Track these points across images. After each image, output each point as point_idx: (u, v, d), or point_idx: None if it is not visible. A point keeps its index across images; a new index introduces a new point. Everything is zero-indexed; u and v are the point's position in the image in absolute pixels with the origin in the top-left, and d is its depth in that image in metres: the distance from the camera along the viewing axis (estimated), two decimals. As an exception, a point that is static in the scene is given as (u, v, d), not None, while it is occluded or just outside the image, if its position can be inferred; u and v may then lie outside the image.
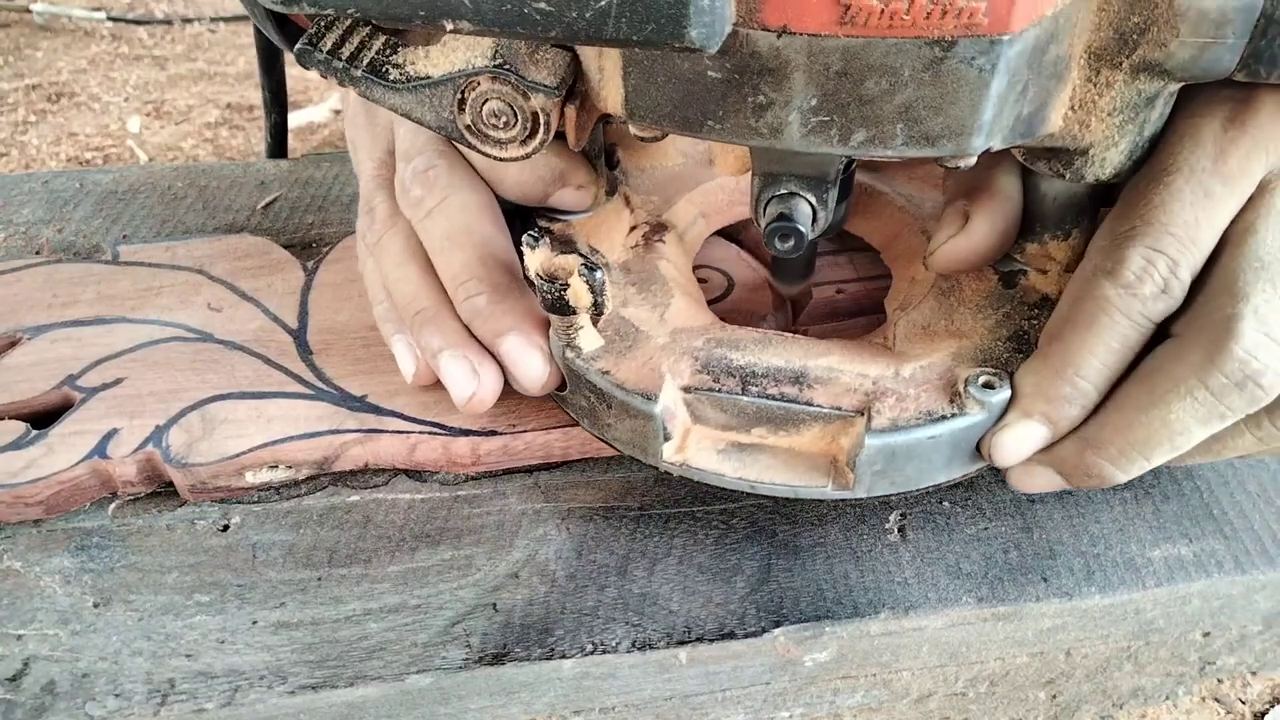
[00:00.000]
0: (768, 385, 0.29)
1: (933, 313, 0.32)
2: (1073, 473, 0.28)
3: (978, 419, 0.28)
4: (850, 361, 0.30)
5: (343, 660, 0.29)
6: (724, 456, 0.30)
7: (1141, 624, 0.32)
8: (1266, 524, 0.33)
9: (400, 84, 0.28)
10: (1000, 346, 0.30)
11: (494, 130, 0.28)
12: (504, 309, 0.32)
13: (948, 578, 0.31)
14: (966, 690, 0.34)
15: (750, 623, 0.30)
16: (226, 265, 0.42)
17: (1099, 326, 0.27)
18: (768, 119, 0.24)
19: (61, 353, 0.37)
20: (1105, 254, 0.27)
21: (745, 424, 0.29)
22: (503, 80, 0.27)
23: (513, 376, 0.32)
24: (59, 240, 0.45)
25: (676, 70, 0.25)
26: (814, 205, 0.28)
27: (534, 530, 0.32)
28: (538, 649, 0.29)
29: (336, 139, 0.82)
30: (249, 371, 0.36)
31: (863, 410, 0.28)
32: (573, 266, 0.28)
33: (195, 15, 1.06)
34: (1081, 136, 0.26)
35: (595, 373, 0.30)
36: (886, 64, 0.23)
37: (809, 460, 0.29)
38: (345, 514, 0.33)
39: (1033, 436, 0.28)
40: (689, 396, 0.29)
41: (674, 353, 0.30)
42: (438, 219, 0.33)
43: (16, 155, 0.77)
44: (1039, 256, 0.32)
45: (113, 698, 0.28)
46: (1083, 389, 0.27)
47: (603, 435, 0.31)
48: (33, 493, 0.32)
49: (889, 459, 0.28)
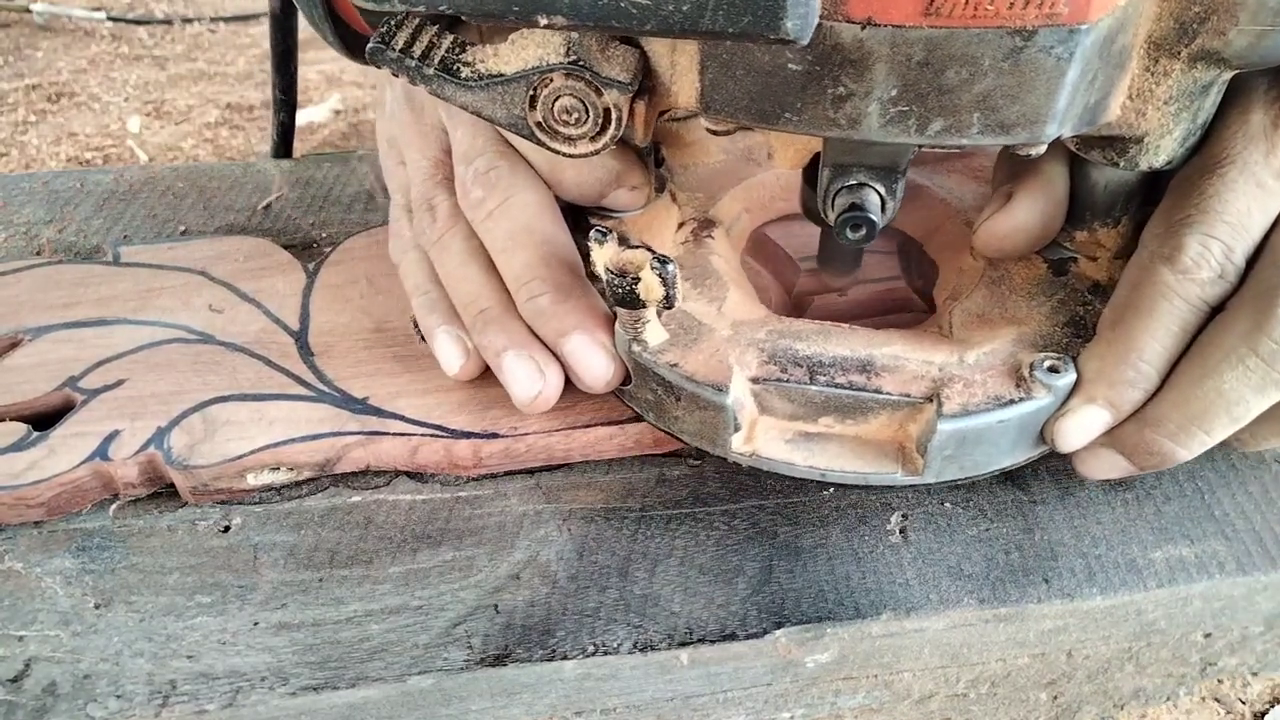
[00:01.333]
0: (835, 374, 0.30)
1: (986, 301, 0.33)
2: (1134, 453, 0.29)
3: (1044, 403, 0.29)
4: (914, 349, 0.30)
5: (344, 661, 0.29)
6: (793, 446, 0.30)
7: (1143, 625, 0.32)
8: (1268, 525, 0.33)
9: (472, 81, 0.28)
10: (1059, 332, 0.31)
11: (564, 127, 0.28)
12: (567, 308, 0.32)
13: (949, 579, 0.31)
14: (968, 691, 0.34)
15: (752, 624, 0.30)
16: (227, 266, 0.42)
17: (1159, 311, 0.28)
18: (846, 110, 0.25)
19: (63, 354, 0.37)
20: (1162, 241, 0.28)
21: (813, 414, 0.30)
22: (576, 76, 0.27)
23: (576, 375, 0.32)
24: (59, 241, 0.45)
25: (755, 63, 0.25)
26: (883, 195, 0.29)
27: (535, 531, 0.32)
28: (539, 650, 0.29)
29: (336, 139, 0.82)
30: (250, 373, 0.36)
31: (930, 397, 0.29)
32: (643, 260, 0.28)
33: (195, 15, 1.06)
34: (1138, 125, 0.27)
35: (664, 366, 0.30)
36: (968, 54, 0.23)
37: (877, 448, 0.30)
38: (346, 515, 0.33)
39: (1096, 421, 0.29)
40: (757, 387, 0.30)
41: (739, 344, 0.31)
42: (500, 219, 0.33)
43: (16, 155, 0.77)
44: (1088, 244, 0.33)
45: (114, 699, 0.28)
46: (1145, 372, 0.28)
47: (668, 428, 0.32)
48: (34, 494, 0.32)
49: (959, 444, 0.29)
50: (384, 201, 0.49)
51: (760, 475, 0.34)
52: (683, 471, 0.35)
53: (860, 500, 0.33)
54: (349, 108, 0.87)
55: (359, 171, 0.51)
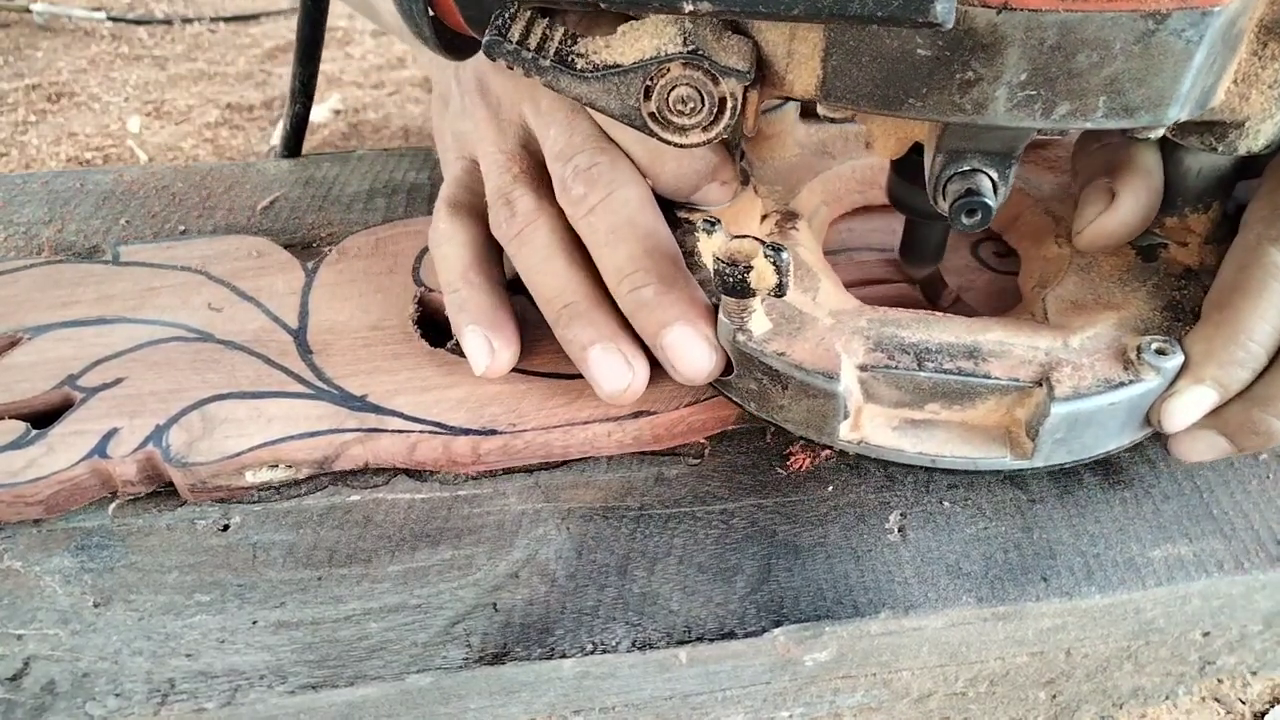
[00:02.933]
0: (943, 360, 0.30)
1: (1078, 288, 0.33)
2: (1238, 432, 0.29)
3: (1153, 384, 0.29)
4: (1017, 335, 0.31)
5: (343, 660, 0.29)
6: (900, 433, 0.30)
7: (1141, 624, 0.32)
8: (1267, 524, 0.33)
9: (588, 73, 0.28)
10: (1158, 316, 0.31)
11: (678, 116, 0.28)
12: (671, 299, 0.32)
13: (948, 577, 0.31)
14: (966, 690, 0.34)
15: (750, 622, 0.30)
16: (227, 265, 0.42)
17: (1269, 291, 0.28)
18: (973, 95, 0.25)
19: (62, 352, 0.37)
20: (1269, 223, 0.28)
21: (919, 400, 0.30)
22: (695, 66, 0.27)
23: (675, 368, 0.32)
24: (59, 240, 0.45)
25: (883, 49, 0.25)
26: (996, 180, 0.29)
27: (534, 530, 0.32)
28: (538, 649, 0.29)
29: (336, 139, 0.82)
30: (249, 371, 0.36)
31: (1040, 381, 0.29)
32: (755, 249, 0.28)
33: (195, 15, 1.06)
34: (1240, 109, 0.27)
35: (771, 354, 0.30)
36: (1100, 37, 0.23)
37: (985, 433, 0.30)
38: (345, 514, 0.33)
39: (1203, 401, 0.29)
40: (864, 375, 0.30)
41: (843, 333, 0.31)
42: (602, 214, 0.33)
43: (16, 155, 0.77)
44: (1178, 229, 0.33)
45: (113, 697, 0.28)
46: (1254, 352, 0.28)
47: (772, 417, 0.32)
48: (33, 492, 0.32)
49: (1070, 426, 0.29)
50: (384, 201, 0.49)
51: (759, 474, 0.34)
52: (681, 470, 0.35)
53: (859, 499, 0.33)
54: (349, 108, 0.87)
55: (359, 171, 0.51)
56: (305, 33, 0.54)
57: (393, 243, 0.43)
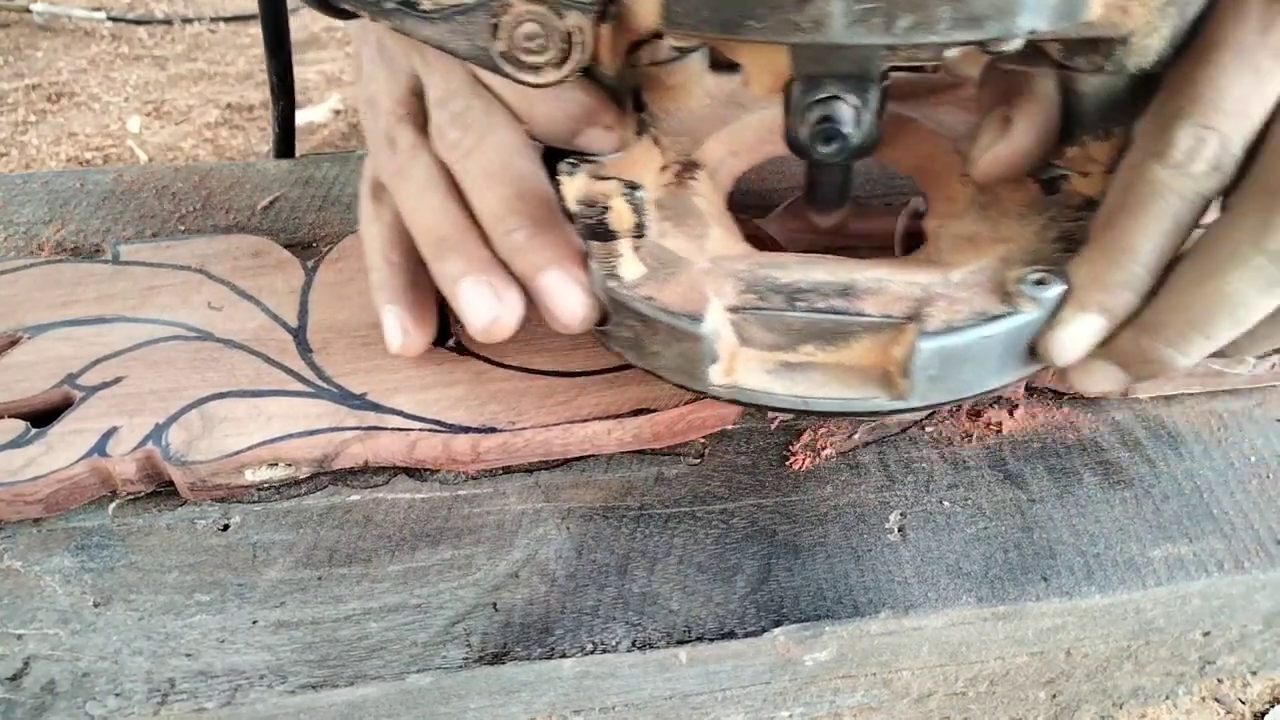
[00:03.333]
0: (815, 299, 0.29)
1: (974, 223, 0.32)
2: (1131, 362, 0.28)
3: (1032, 316, 0.28)
4: (898, 272, 0.30)
5: (343, 660, 0.28)
6: (774, 376, 0.29)
7: (1142, 623, 0.32)
8: (1267, 523, 0.33)
9: (433, 13, 0.28)
10: (1049, 248, 0.30)
11: (529, 55, 0.28)
12: (543, 242, 0.31)
13: (948, 577, 0.31)
14: (966, 690, 0.34)
15: (750, 622, 0.30)
16: (226, 264, 0.42)
17: (1152, 210, 0.26)
18: (809, 12, 0.24)
19: (61, 351, 0.37)
20: (1153, 138, 0.27)
21: (793, 341, 0.29)
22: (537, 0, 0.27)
23: (551, 312, 0.31)
24: (59, 240, 0.45)
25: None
26: (857, 107, 0.28)
27: (534, 530, 0.32)
28: (538, 648, 0.29)
29: (336, 139, 0.82)
30: (249, 370, 0.36)
31: (914, 316, 0.28)
32: (613, 189, 0.28)
33: (195, 15, 1.06)
34: (1121, 23, 0.26)
35: (639, 299, 0.29)
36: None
37: (861, 373, 0.29)
38: (345, 513, 0.33)
39: (1090, 329, 0.28)
40: (735, 317, 0.29)
41: (717, 276, 0.30)
42: (475, 158, 0.33)
43: (16, 155, 0.77)
44: (1080, 159, 0.32)
45: (113, 697, 0.28)
46: (1138, 274, 0.27)
47: (648, 365, 0.31)
48: (32, 491, 0.32)
49: (944, 362, 0.28)
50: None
51: (759, 474, 0.34)
52: (681, 470, 0.35)
53: (859, 499, 0.33)
54: (349, 108, 0.87)
55: (359, 171, 0.51)
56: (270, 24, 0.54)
57: (393, 242, 0.43)
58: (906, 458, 0.35)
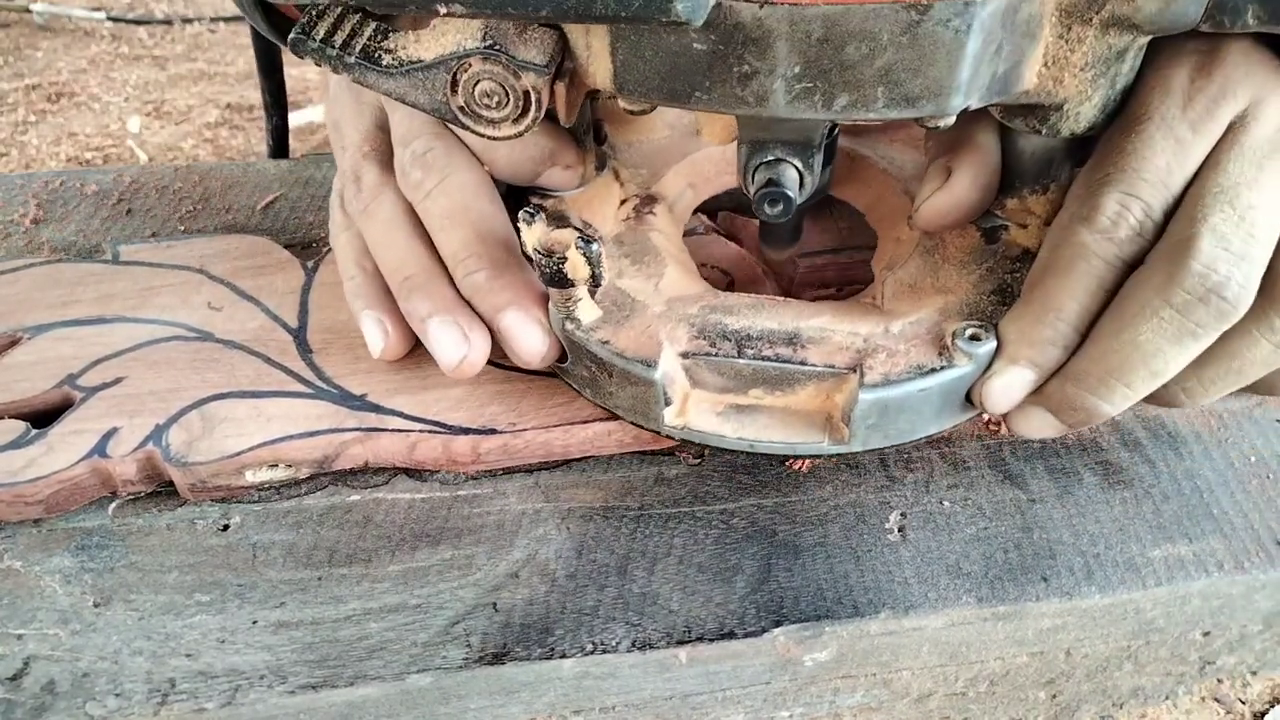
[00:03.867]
0: (763, 347, 0.30)
1: (919, 271, 0.33)
2: (1060, 409, 0.29)
3: (965, 370, 0.29)
4: (841, 321, 0.31)
5: (343, 660, 0.29)
6: (723, 418, 0.31)
7: (1141, 624, 0.32)
8: (1266, 523, 0.33)
9: (394, 69, 0.28)
10: (985, 300, 0.31)
11: (487, 110, 0.29)
12: (502, 284, 0.32)
13: (948, 577, 0.31)
14: (966, 690, 0.34)
15: (750, 622, 0.30)
16: (226, 265, 0.42)
17: (1076, 271, 0.28)
18: (753, 88, 0.25)
19: (61, 352, 0.37)
20: (1081, 202, 0.28)
21: (742, 386, 0.30)
22: (494, 60, 0.27)
23: (513, 351, 0.32)
24: (59, 240, 0.45)
25: (663, 44, 0.25)
26: (800, 170, 0.29)
27: (534, 530, 0.32)
28: (538, 648, 0.29)
29: (336, 139, 0.82)
30: (249, 370, 0.36)
31: (855, 367, 0.29)
32: (569, 240, 0.28)
33: (195, 15, 1.06)
34: (1056, 92, 0.27)
35: (595, 343, 0.30)
36: (866, 29, 0.23)
37: (805, 418, 0.30)
38: (345, 514, 0.33)
39: (1019, 381, 0.29)
40: (687, 362, 0.30)
41: (670, 320, 0.31)
42: (437, 199, 0.34)
43: (16, 155, 0.77)
44: (1018, 211, 0.33)
45: (113, 697, 0.28)
46: (1063, 331, 0.28)
47: (605, 404, 0.32)
48: (33, 492, 0.32)
49: (882, 412, 0.29)
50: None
51: (759, 474, 0.34)
52: (681, 470, 0.35)
53: (859, 499, 0.33)
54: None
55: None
56: (261, 46, 0.55)
57: (393, 242, 0.43)
58: (906, 458, 0.35)
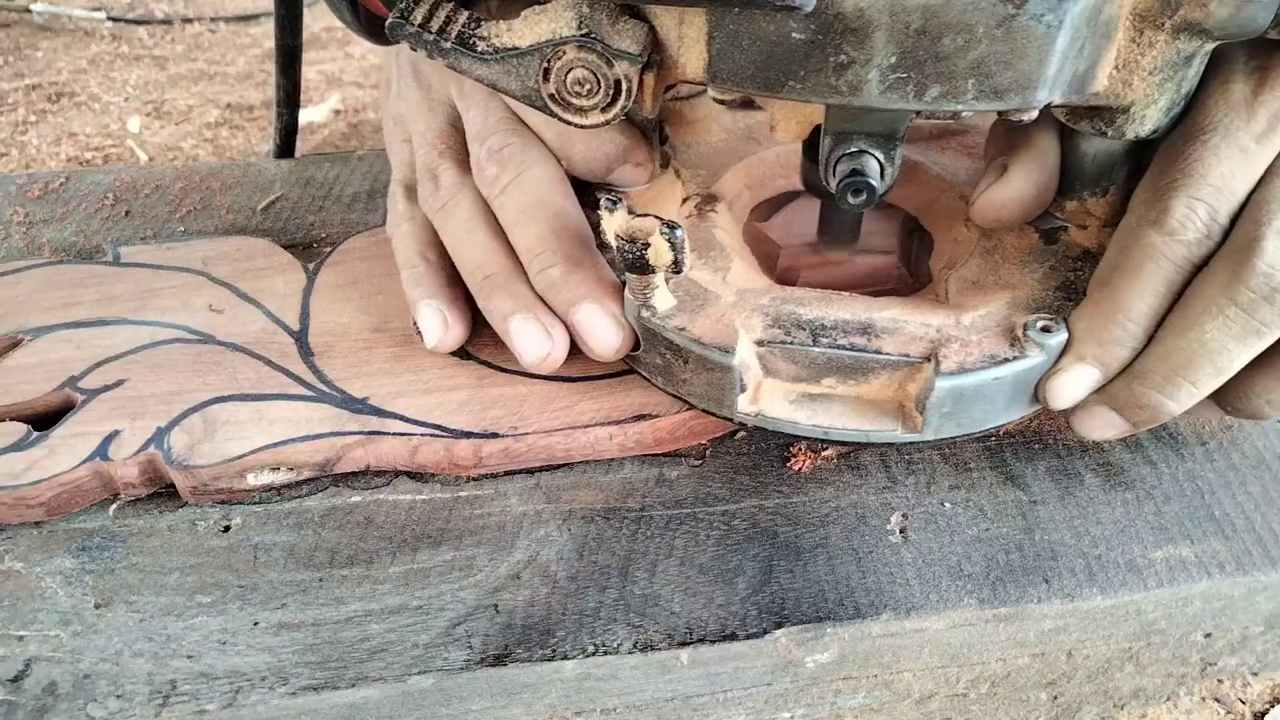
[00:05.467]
0: (837, 336, 0.31)
1: (980, 269, 0.34)
2: (1125, 407, 0.30)
3: (1038, 360, 0.30)
4: (912, 313, 0.32)
5: (344, 661, 0.28)
6: (796, 406, 0.31)
7: (1143, 625, 0.32)
8: (1268, 525, 0.33)
9: (488, 55, 0.29)
10: (1051, 296, 0.32)
11: (576, 98, 0.30)
12: (578, 278, 0.33)
13: (949, 579, 0.31)
14: (968, 691, 0.34)
15: (752, 624, 0.30)
16: (228, 266, 0.42)
17: (1145, 272, 0.29)
18: (848, 77, 0.26)
19: (63, 354, 0.37)
20: (1149, 205, 0.29)
21: (815, 374, 0.31)
22: (589, 49, 0.28)
23: (586, 344, 0.33)
24: (59, 240, 0.45)
25: (761, 33, 0.26)
26: (882, 162, 0.30)
27: (535, 531, 0.32)
28: (539, 650, 0.29)
29: (336, 139, 0.82)
30: (250, 373, 0.36)
31: (929, 356, 0.30)
32: (653, 226, 0.29)
33: (195, 15, 1.06)
34: (1124, 95, 0.28)
35: (672, 330, 0.31)
36: (963, 21, 0.24)
37: (878, 407, 0.31)
38: (346, 515, 0.33)
39: (1085, 378, 0.30)
40: (762, 350, 0.31)
41: (744, 309, 0.32)
42: (512, 194, 0.34)
43: (16, 155, 0.77)
44: (1078, 213, 0.34)
45: (114, 699, 0.28)
46: (1131, 331, 0.29)
47: (676, 391, 0.33)
48: (34, 494, 0.32)
49: (956, 400, 0.30)
50: (385, 201, 0.49)
51: (760, 475, 0.34)
52: (683, 472, 0.35)
53: (860, 500, 0.33)
54: (349, 108, 0.87)
55: (359, 171, 0.51)
56: (283, 43, 0.54)
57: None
58: (908, 459, 0.35)
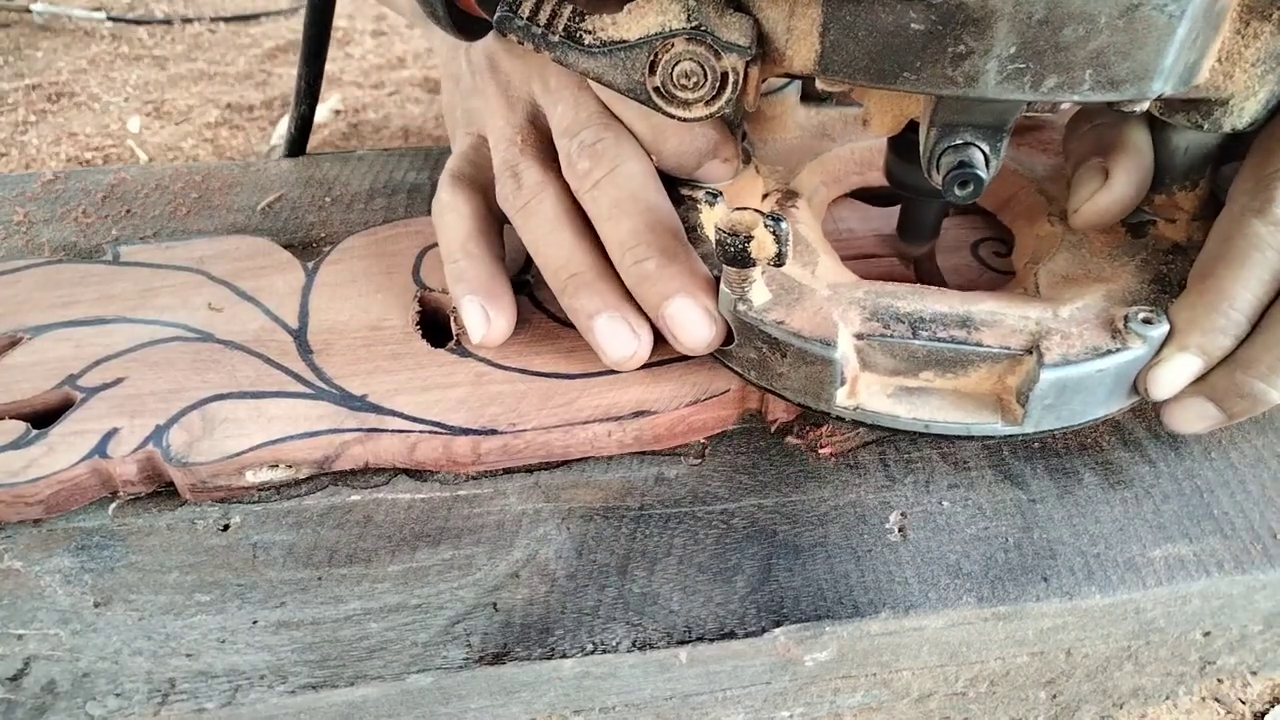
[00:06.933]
0: (937, 329, 0.31)
1: (1069, 263, 0.34)
2: (1225, 397, 0.30)
3: (1140, 352, 0.30)
4: (1008, 306, 0.32)
5: (343, 660, 0.28)
6: (895, 400, 0.31)
7: (1142, 624, 0.32)
8: (1267, 524, 0.33)
9: (595, 48, 0.30)
10: (1145, 289, 0.32)
11: (682, 91, 0.30)
12: (671, 272, 0.33)
13: (948, 577, 0.31)
14: (967, 690, 0.34)
15: (750, 622, 0.30)
16: (227, 265, 0.42)
17: (1250, 261, 0.29)
18: (965, 68, 0.26)
19: (62, 352, 0.37)
20: (1253, 194, 0.29)
21: (914, 368, 0.31)
22: (698, 41, 0.29)
23: (677, 338, 0.33)
24: (59, 240, 0.45)
25: (879, 24, 0.26)
26: (987, 153, 0.29)
27: (534, 530, 0.32)
28: (538, 649, 0.29)
29: (337, 139, 0.82)
30: (249, 371, 0.36)
31: (1030, 349, 0.30)
32: (756, 220, 0.29)
33: (195, 15, 1.06)
34: (1224, 87, 0.28)
35: (770, 323, 0.31)
36: (1086, 11, 0.24)
37: (977, 400, 0.31)
38: (345, 514, 0.33)
39: (1188, 368, 0.30)
40: (860, 343, 0.31)
41: (840, 303, 0.32)
42: (605, 188, 0.34)
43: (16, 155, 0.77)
44: (1167, 206, 0.34)
45: (113, 697, 0.28)
46: (1235, 319, 0.29)
47: (771, 385, 0.33)
48: (33, 492, 0.32)
49: (1059, 392, 0.30)
50: (384, 201, 0.49)
51: (759, 474, 0.34)
52: (682, 470, 0.35)
53: (859, 499, 0.33)
54: (349, 108, 0.87)
55: (359, 171, 0.51)
56: (312, 32, 0.53)
57: (393, 243, 0.43)
58: (906, 457, 0.35)
